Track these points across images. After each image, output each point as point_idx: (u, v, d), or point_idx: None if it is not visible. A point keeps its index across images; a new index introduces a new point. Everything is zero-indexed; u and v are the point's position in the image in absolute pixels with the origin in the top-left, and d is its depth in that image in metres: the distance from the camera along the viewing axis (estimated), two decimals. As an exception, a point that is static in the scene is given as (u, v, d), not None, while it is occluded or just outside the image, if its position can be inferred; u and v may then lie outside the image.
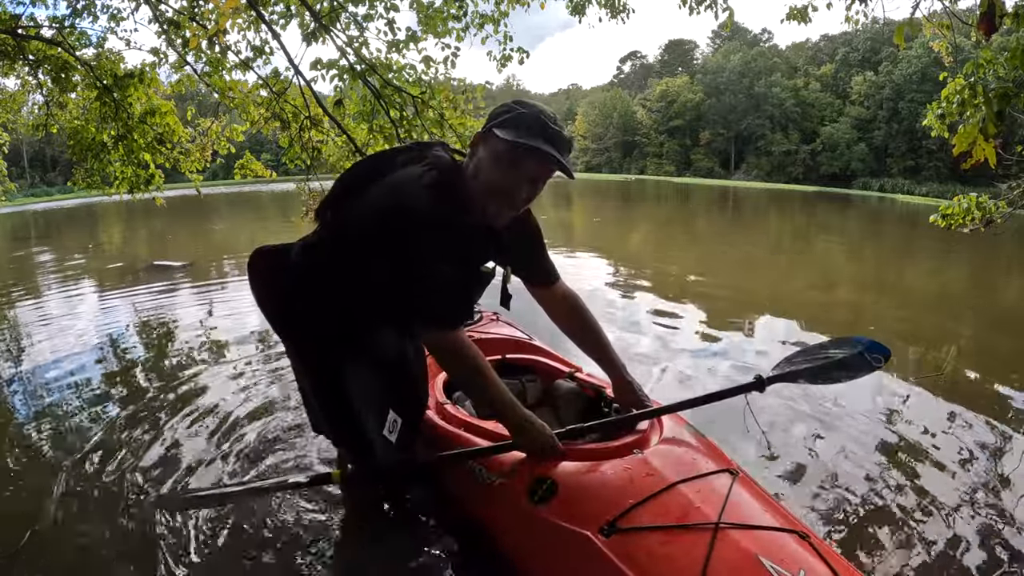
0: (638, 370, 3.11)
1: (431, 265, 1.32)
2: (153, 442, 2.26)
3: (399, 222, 1.31)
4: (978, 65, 3.38)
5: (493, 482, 1.49)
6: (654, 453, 1.42)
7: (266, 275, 1.58)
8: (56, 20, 4.52)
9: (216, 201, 19.66)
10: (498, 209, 1.36)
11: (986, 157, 2.58)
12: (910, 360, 3.43)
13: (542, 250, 1.66)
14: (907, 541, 1.74)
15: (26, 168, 35.67)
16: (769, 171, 43.25)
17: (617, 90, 57.69)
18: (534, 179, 1.35)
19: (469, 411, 1.86)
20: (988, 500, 1.96)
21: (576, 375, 1.97)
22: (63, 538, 1.72)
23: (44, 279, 6.26)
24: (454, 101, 4.01)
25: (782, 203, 23.54)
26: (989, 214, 3.90)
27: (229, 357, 3.30)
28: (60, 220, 16.28)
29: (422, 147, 1.49)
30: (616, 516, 1.23)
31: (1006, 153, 3.43)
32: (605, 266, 6.97)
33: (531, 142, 1.28)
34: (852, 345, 1.69)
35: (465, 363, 1.39)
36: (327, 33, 3.84)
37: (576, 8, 4.68)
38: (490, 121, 1.36)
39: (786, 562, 1.09)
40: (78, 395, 2.75)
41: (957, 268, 8.05)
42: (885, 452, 2.29)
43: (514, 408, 1.42)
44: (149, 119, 4.77)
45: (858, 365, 1.64)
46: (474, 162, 1.37)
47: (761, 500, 1.33)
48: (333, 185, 1.53)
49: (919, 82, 34.96)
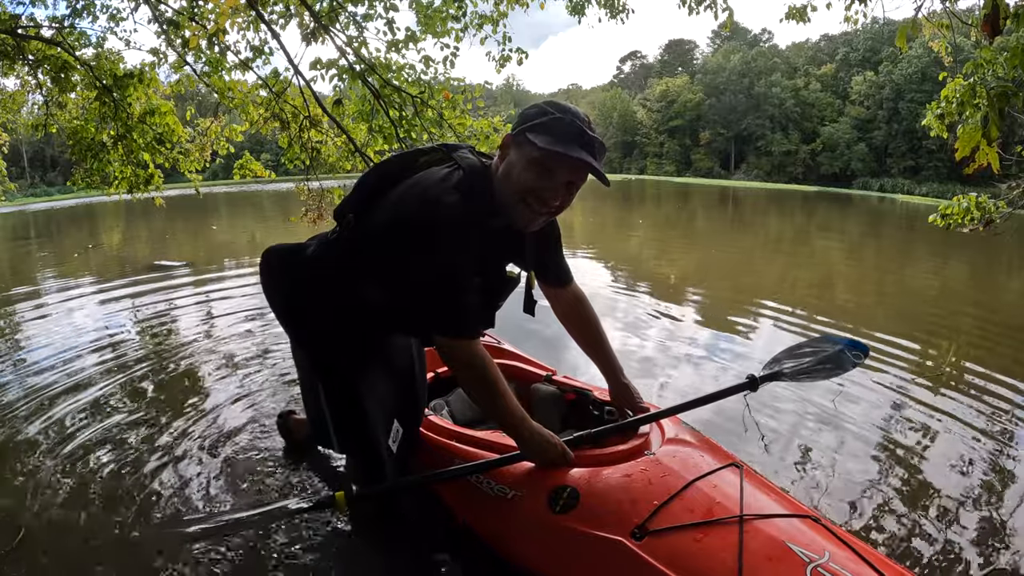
0: (636, 370, 3.13)
1: (452, 269, 1.29)
2: (151, 449, 2.23)
3: (422, 223, 1.28)
4: (978, 65, 3.38)
5: (507, 495, 1.47)
6: (664, 453, 1.43)
7: (280, 273, 1.57)
8: (56, 20, 4.53)
9: (215, 201, 19.65)
10: (532, 214, 1.33)
11: (989, 162, 2.57)
12: (910, 359, 3.43)
13: (560, 251, 1.67)
14: (906, 538, 1.74)
15: (26, 168, 35.69)
16: (769, 171, 43.24)
17: (617, 90, 57.70)
18: (569, 185, 1.32)
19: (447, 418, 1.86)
20: (987, 499, 1.96)
21: (553, 378, 1.97)
22: (56, 541, 1.71)
23: (44, 278, 6.25)
24: (453, 101, 4.01)
25: (782, 203, 23.53)
26: (988, 214, 3.90)
27: (229, 359, 3.29)
28: (60, 220, 16.25)
29: (448, 148, 1.47)
30: (645, 519, 1.24)
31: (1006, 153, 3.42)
32: (604, 266, 6.96)
33: (568, 150, 1.25)
34: (833, 343, 1.72)
35: (478, 375, 1.37)
36: (326, 33, 3.84)
37: (576, 8, 4.68)
38: (522, 123, 1.32)
39: (811, 546, 1.13)
40: (76, 396, 2.74)
41: (957, 268, 8.05)
42: (883, 449, 2.29)
43: (523, 421, 1.41)
44: (148, 119, 4.77)
45: (840, 362, 1.68)
46: (504, 164, 1.34)
47: (769, 490, 1.36)
48: (355, 185, 1.50)
49: (919, 82, 34.94)
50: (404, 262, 1.32)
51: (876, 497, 1.96)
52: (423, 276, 1.31)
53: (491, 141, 3.97)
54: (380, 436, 1.55)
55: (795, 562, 1.10)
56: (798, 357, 1.72)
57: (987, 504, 1.94)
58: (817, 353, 1.70)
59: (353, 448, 1.64)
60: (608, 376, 1.71)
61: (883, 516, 1.86)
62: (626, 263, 7.52)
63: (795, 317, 4.45)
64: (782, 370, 1.68)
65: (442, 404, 2.01)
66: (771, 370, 1.70)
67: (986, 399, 2.83)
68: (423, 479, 1.61)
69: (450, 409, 2.00)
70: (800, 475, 2.10)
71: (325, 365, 1.54)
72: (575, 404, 1.89)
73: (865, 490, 2.01)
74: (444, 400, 2.04)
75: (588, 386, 1.89)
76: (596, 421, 1.80)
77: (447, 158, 1.44)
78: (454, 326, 1.34)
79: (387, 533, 1.75)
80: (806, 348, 1.74)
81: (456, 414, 1.99)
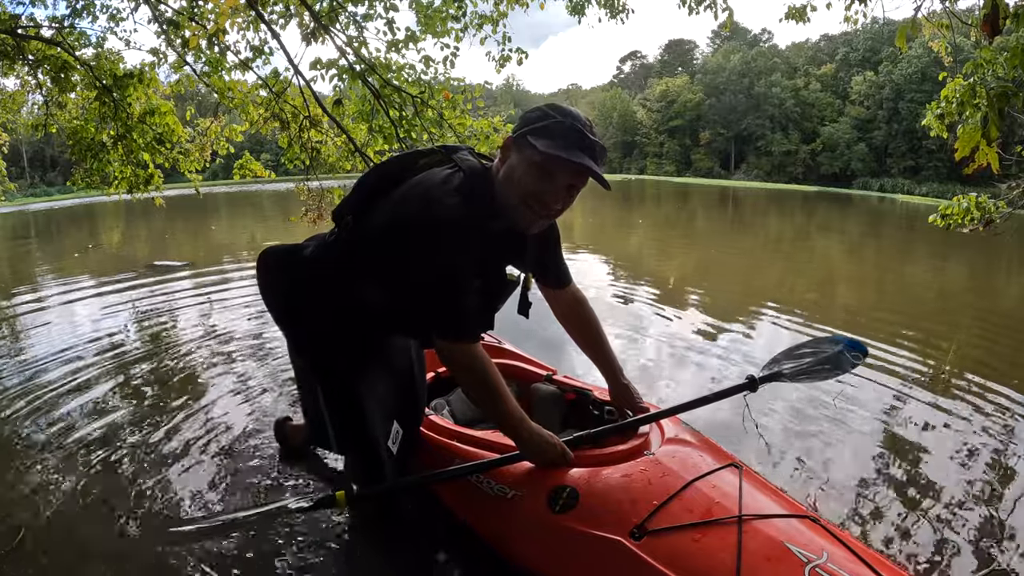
0: (636, 370, 3.13)
1: (452, 271, 1.29)
2: (151, 448, 2.23)
3: (423, 224, 1.28)
4: (978, 65, 3.38)
5: (507, 495, 1.48)
6: (663, 453, 1.43)
7: (278, 273, 1.57)
8: (56, 20, 4.53)
9: (215, 201, 19.65)
10: (533, 217, 1.33)
11: (989, 162, 2.57)
12: (910, 359, 3.43)
13: (559, 252, 1.68)
14: (905, 538, 1.74)
15: (26, 168, 35.68)
16: (769, 171, 43.24)
17: (617, 90, 57.69)
18: (569, 188, 1.32)
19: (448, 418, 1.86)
20: (986, 499, 1.96)
21: (553, 378, 1.97)
22: (56, 541, 1.71)
23: (43, 278, 6.25)
24: (453, 101, 4.01)
25: (782, 203, 23.53)
26: (988, 214, 3.90)
27: (228, 359, 3.29)
28: (60, 220, 16.25)
29: (448, 150, 1.47)
30: (644, 518, 1.25)
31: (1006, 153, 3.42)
32: (603, 266, 6.96)
33: (569, 154, 1.25)
34: (832, 344, 1.73)
35: (478, 377, 1.37)
36: (326, 33, 3.84)
37: (576, 8, 4.68)
38: (522, 126, 1.32)
39: (809, 546, 1.14)
40: (75, 395, 2.74)
41: (957, 268, 8.05)
42: (882, 450, 2.29)
43: (522, 422, 1.41)
44: (148, 119, 4.77)
45: (839, 363, 1.68)
46: (505, 167, 1.34)
47: (768, 490, 1.36)
48: (354, 186, 1.50)
49: (919, 82, 34.94)
50: (404, 263, 1.32)
51: (875, 497, 1.97)
52: (423, 277, 1.31)
53: (491, 141, 3.97)
54: (379, 437, 1.55)
55: (794, 562, 1.10)
56: (797, 358, 1.72)
57: (986, 504, 1.94)
58: (816, 353, 1.70)
59: (352, 449, 1.64)
60: (608, 376, 1.71)
61: (882, 516, 1.86)
62: (626, 263, 7.52)
63: (795, 317, 4.44)
64: (781, 371, 1.69)
65: (443, 404, 2.01)
66: (770, 371, 1.70)
67: (986, 399, 2.83)
68: (423, 479, 1.61)
69: (451, 409, 2.01)
70: (799, 475, 2.10)
71: (323, 366, 1.54)
72: (575, 404, 1.90)
73: (864, 490, 2.01)
74: (445, 400, 2.04)
75: (588, 386, 1.90)
76: (596, 421, 1.80)
77: (447, 160, 1.44)
78: (454, 329, 1.34)
79: (387, 533, 1.75)
80: (805, 348, 1.74)
81: (457, 414, 2.00)
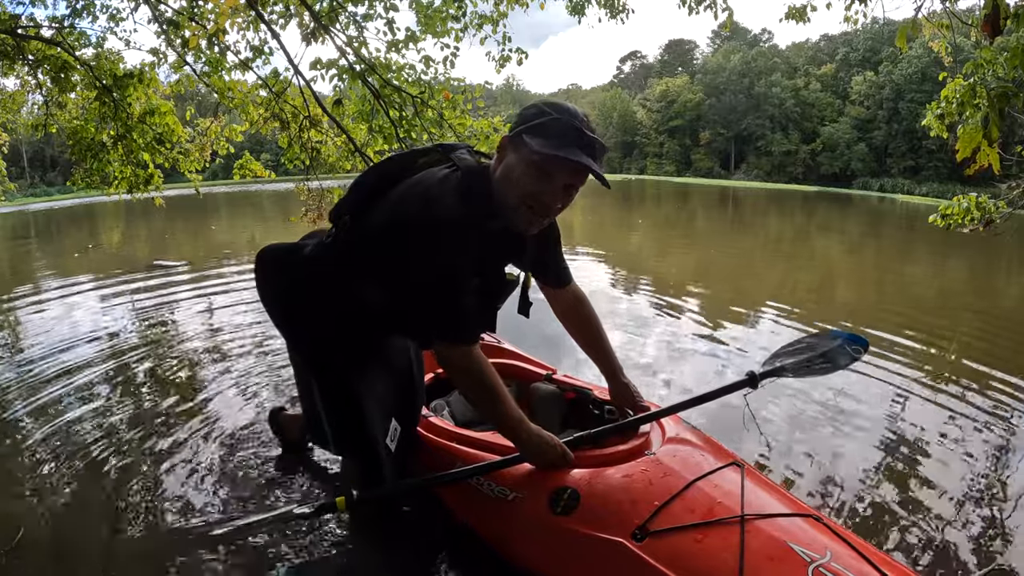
0: (636, 369, 3.13)
1: (451, 271, 1.28)
2: (151, 451, 2.22)
3: (422, 224, 1.27)
4: (978, 65, 3.38)
5: (507, 496, 1.47)
6: (664, 453, 1.43)
7: (276, 273, 1.56)
8: (56, 20, 4.52)
9: (215, 201, 19.64)
10: (532, 218, 1.31)
11: (990, 163, 2.57)
12: (911, 358, 3.42)
13: (559, 251, 1.66)
14: (908, 536, 1.74)
15: (26, 168, 35.69)
16: (769, 171, 43.25)
17: (617, 90, 57.71)
18: (568, 187, 1.30)
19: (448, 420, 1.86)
20: (989, 497, 1.96)
21: (553, 377, 1.97)
22: (55, 541, 1.71)
23: (43, 278, 6.24)
24: (453, 101, 4.01)
25: (782, 203, 23.53)
26: (988, 214, 3.90)
27: (228, 359, 3.29)
28: (60, 220, 16.25)
29: (446, 149, 1.46)
30: (645, 519, 1.24)
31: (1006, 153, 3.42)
32: (603, 266, 6.96)
33: (566, 153, 1.22)
34: (832, 338, 1.73)
35: (476, 380, 1.36)
36: (326, 33, 3.84)
37: (576, 8, 4.68)
38: (519, 124, 1.29)
39: (813, 545, 1.13)
40: (75, 395, 2.74)
41: (957, 267, 8.05)
42: (884, 447, 2.29)
43: (521, 423, 1.41)
44: (148, 119, 4.76)
45: (839, 357, 1.68)
46: (502, 167, 1.32)
47: (771, 489, 1.36)
48: (351, 186, 1.49)
49: (919, 82, 34.95)
50: (403, 263, 1.32)
51: (878, 495, 1.96)
52: (422, 277, 1.30)
53: (491, 141, 3.97)
54: (378, 435, 1.54)
55: (797, 562, 1.10)
56: (798, 353, 1.72)
57: (989, 502, 1.93)
58: (816, 348, 1.70)
59: (350, 448, 1.63)
60: (608, 375, 1.70)
61: (885, 514, 1.86)
62: (626, 262, 7.51)
63: (795, 315, 4.44)
64: (782, 366, 1.68)
65: (442, 405, 2.01)
66: (771, 367, 1.69)
67: (987, 397, 2.82)
68: (423, 482, 1.60)
69: (450, 410, 2.00)
70: (801, 473, 2.10)
71: (320, 364, 1.53)
72: (575, 403, 1.89)
73: (867, 488, 2.01)
74: (444, 401, 2.04)
75: (588, 385, 1.89)
76: (596, 420, 1.80)
77: (445, 159, 1.43)
78: (453, 331, 1.33)
79: (387, 534, 1.75)
80: (805, 343, 1.74)
81: (456, 415, 1.99)
